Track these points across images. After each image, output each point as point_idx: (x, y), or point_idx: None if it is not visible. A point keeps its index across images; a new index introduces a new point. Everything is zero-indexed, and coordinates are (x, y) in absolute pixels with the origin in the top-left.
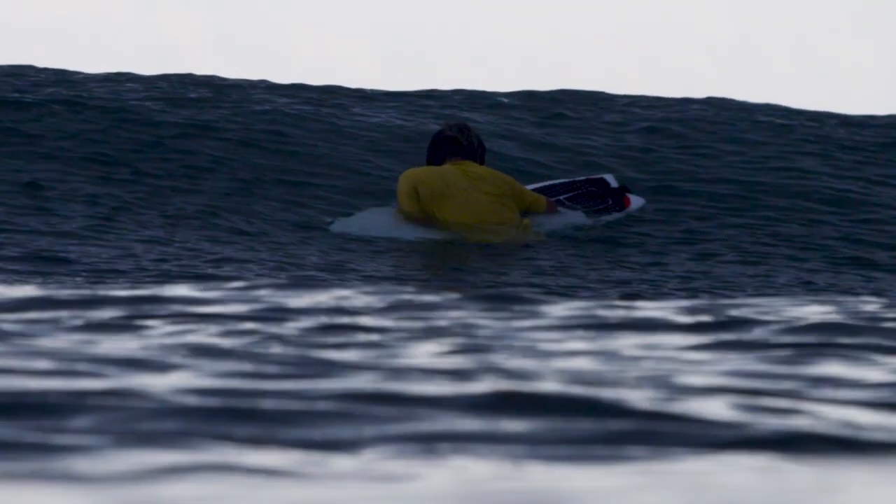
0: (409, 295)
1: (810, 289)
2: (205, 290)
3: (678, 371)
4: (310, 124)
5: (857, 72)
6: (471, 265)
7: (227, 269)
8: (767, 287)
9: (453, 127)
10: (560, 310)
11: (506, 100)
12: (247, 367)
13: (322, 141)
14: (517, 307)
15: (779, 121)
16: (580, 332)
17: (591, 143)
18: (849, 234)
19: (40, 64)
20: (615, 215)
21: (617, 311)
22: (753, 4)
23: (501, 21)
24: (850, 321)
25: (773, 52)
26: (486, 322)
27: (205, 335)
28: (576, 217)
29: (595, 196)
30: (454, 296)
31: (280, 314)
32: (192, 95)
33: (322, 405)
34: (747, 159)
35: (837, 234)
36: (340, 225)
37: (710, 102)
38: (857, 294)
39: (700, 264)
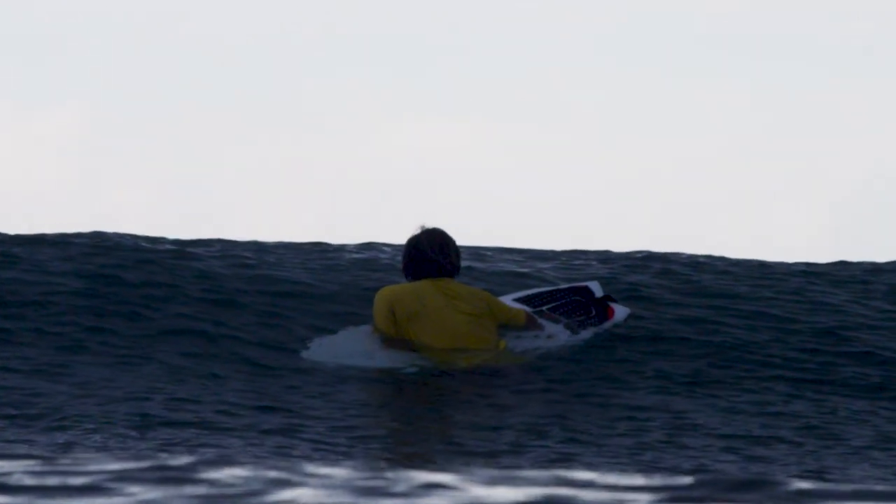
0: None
1: (750, 439)
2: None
3: None
4: (295, 253)
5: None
6: (426, 407)
7: (166, 414)
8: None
9: (435, 246)
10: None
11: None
12: None
13: (306, 266)
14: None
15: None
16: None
17: (576, 271)
18: (814, 347)
19: None
20: (599, 328)
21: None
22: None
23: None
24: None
25: (711, 212)
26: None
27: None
28: (556, 332)
29: (579, 306)
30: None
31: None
32: (171, 245)
33: None
34: (723, 282)
35: (802, 348)
36: (314, 351)
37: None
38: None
39: (656, 398)
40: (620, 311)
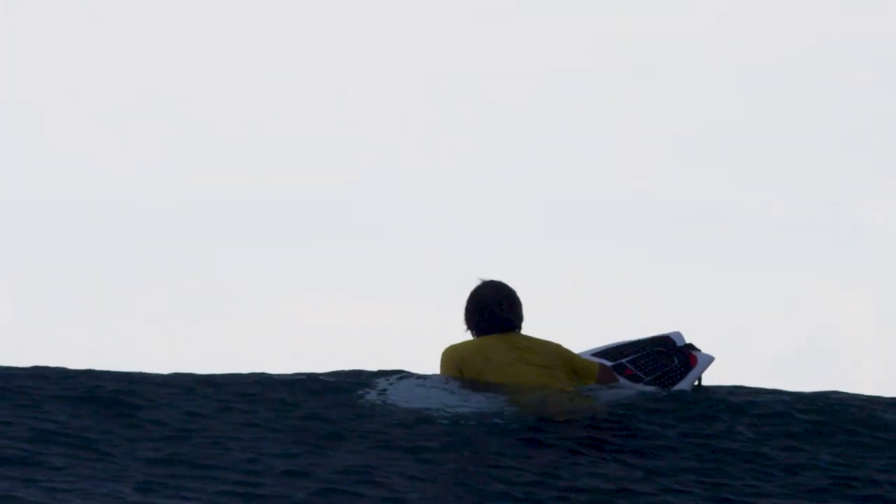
0: None
1: None
2: None
3: None
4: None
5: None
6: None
7: None
8: None
9: (503, 303)
10: None
11: None
12: None
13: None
14: None
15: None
16: None
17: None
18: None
19: None
20: (683, 381)
21: None
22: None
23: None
24: None
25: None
26: None
27: None
28: (634, 390)
29: (661, 356)
30: None
31: None
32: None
33: None
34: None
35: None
36: (386, 393)
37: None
38: None
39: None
40: (704, 359)
